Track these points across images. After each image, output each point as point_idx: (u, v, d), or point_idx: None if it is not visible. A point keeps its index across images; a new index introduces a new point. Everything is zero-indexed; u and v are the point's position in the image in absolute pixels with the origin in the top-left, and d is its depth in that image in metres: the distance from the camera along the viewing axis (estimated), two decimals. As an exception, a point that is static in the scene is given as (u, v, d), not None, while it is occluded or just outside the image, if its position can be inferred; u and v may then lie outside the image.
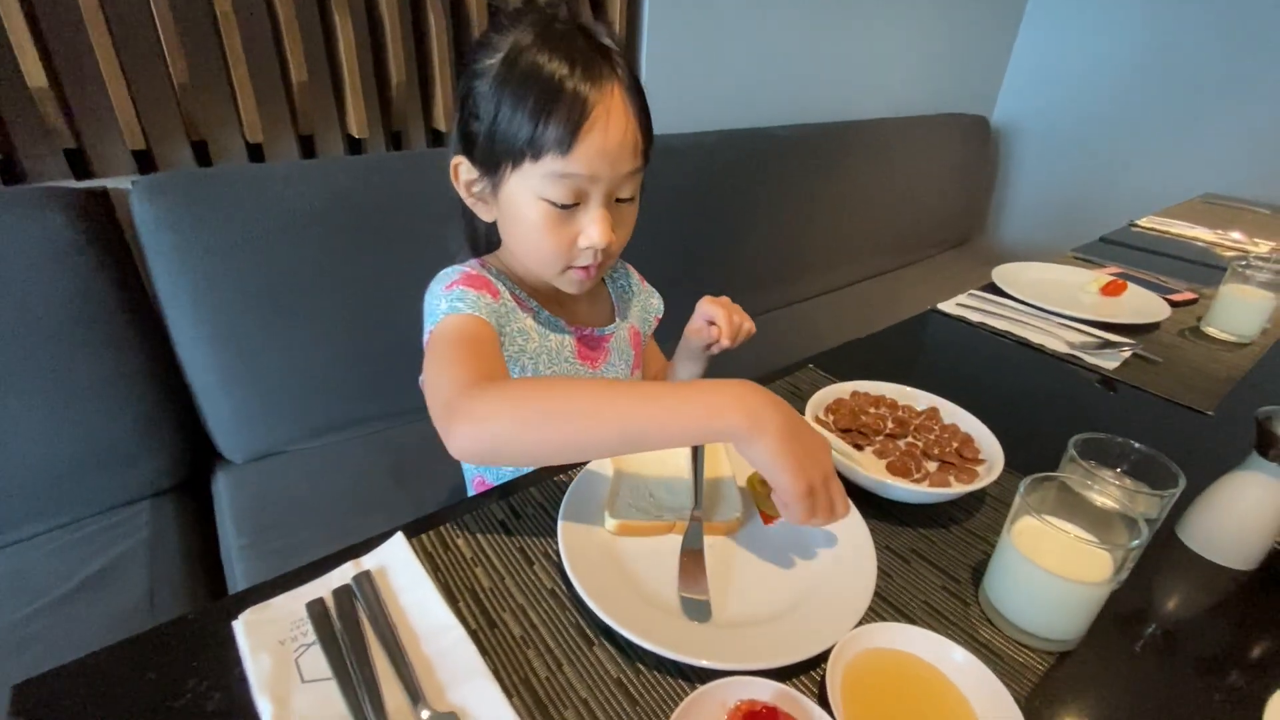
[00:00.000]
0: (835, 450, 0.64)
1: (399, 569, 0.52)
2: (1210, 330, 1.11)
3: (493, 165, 0.62)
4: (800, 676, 0.46)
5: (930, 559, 0.58)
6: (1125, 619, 0.54)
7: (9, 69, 0.93)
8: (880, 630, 0.48)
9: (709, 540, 0.57)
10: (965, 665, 0.45)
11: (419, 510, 0.60)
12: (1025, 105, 2.68)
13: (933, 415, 0.73)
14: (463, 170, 0.66)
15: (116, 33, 0.97)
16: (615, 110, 0.58)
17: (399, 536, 0.55)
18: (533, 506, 0.61)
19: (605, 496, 0.60)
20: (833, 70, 2.02)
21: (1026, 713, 0.43)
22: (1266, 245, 1.63)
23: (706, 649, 0.46)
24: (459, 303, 0.62)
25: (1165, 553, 0.62)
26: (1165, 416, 0.87)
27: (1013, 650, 0.50)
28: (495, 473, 0.79)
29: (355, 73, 1.17)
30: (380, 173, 1.17)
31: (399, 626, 0.47)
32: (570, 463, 0.51)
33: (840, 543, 0.58)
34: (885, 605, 0.53)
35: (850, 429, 0.71)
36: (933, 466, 0.66)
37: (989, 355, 1.02)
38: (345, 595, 0.49)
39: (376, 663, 0.44)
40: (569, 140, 0.57)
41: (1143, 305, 1.18)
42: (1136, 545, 0.46)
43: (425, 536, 0.56)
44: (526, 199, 0.61)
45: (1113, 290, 1.23)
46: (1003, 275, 1.26)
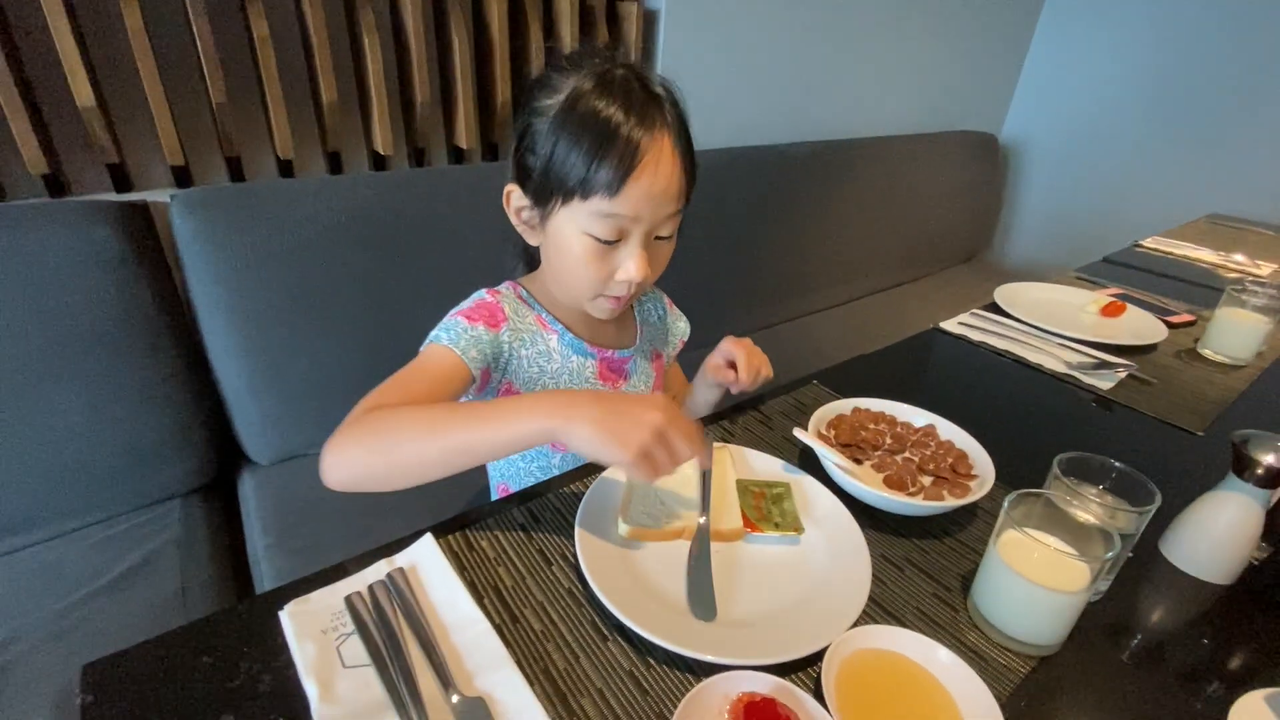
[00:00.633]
0: (835, 464, 0.68)
1: (428, 567, 0.57)
2: (1206, 352, 1.13)
3: (544, 198, 0.65)
4: (798, 673, 0.50)
5: (923, 567, 0.62)
6: (1107, 628, 0.58)
7: (59, 88, 0.98)
8: (873, 632, 0.52)
9: (715, 546, 0.61)
10: (950, 665, 0.49)
11: (435, 512, 0.64)
12: (1034, 124, 2.71)
13: (930, 432, 0.77)
14: (515, 197, 0.70)
15: (159, 54, 1.03)
16: (664, 158, 0.62)
17: (428, 537, 0.59)
18: (550, 512, 0.65)
19: (619, 504, 0.64)
20: (842, 88, 2.06)
21: (1009, 711, 0.47)
22: (1269, 267, 1.65)
23: (711, 645, 0.50)
24: (444, 333, 0.68)
25: (1148, 567, 0.66)
26: (1156, 437, 0.90)
27: (997, 654, 0.54)
28: (516, 480, 0.83)
29: (382, 93, 1.23)
30: (404, 189, 1.22)
31: (429, 619, 0.51)
32: (425, 480, 0.57)
33: (837, 551, 0.62)
34: (879, 610, 0.57)
35: (850, 444, 0.75)
36: (928, 481, 0.70)
37: (988, 374, 1.06)
38: (380, 590, 0.53)
39: (410, 651, 0.48)
40: (618, 184, 0.60)
41: (1141, 327, 1.21)
42: (1110, 557, 0.50)
43: (452, 537, 0.61)
44: (572, 232, 0.65)
45: (1112, 311, 1.25)
46: (1004, 295, 1.29)
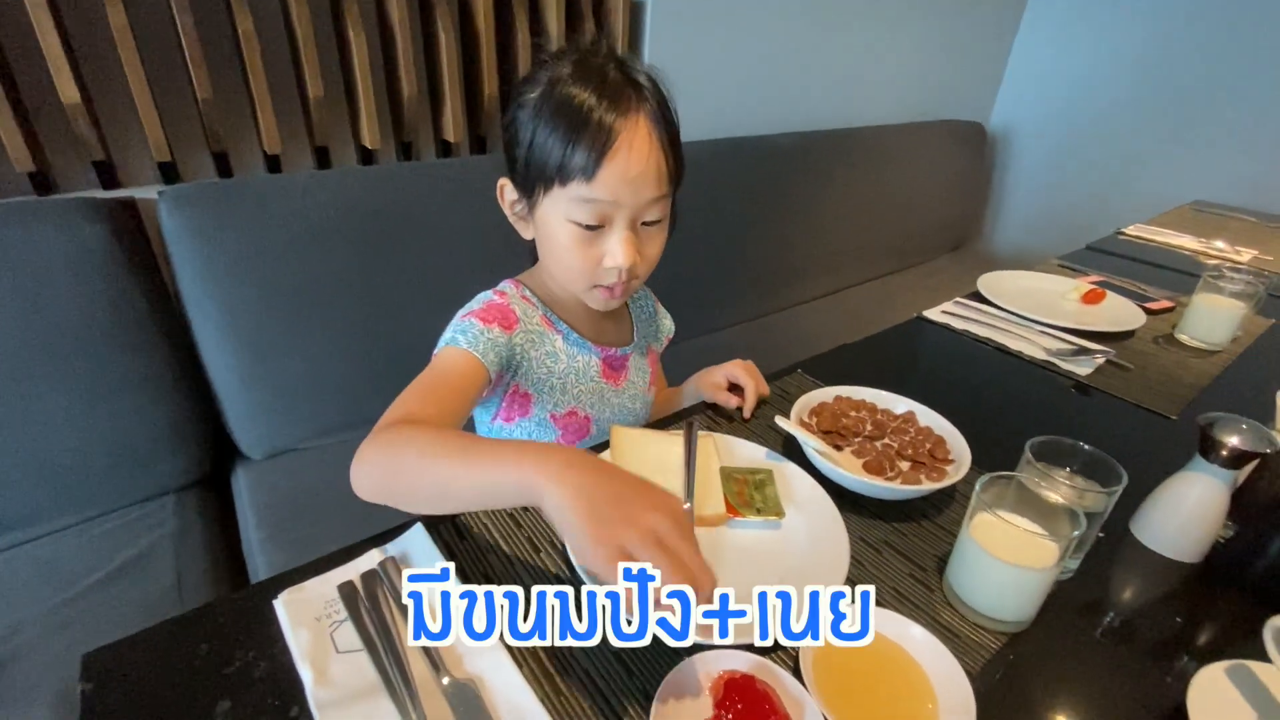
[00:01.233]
0: (815, 450, 0.70)
1: (419, 555, 0.58)
2: (1183, 338, 1.16)
3: (529, 188, 0.67)
4: (777, 652, 0.52)
5: (900, 549, 0.64)
6: (1080, 606, 0.60)
7: (43, 85, 0.98)
8: (849, 611, 0.53)
9: (698, 531, 0.63)
10: (923, 641, 0.51)
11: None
12: (1021, 112, 2.73)
13: (909, 419, 0.79)
14: (507, 191, 0.71)
15: (144, 50, 1.03)
16: (639, 140, 0.62)
17: (419, 526, 0.60)
18: (539, 500, 0.66)
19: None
20: (830, 78, 2.07)
21: (981, 683, 0.49)
22: (1249, 254, 1.68)
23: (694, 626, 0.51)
24: (460, 335, 0.67)
25: (1120, 547, 0.68)
26: (1131, 421, 0.92)
27: (970, 630, 0.56)
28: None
29: (369, 87, 1.23)
30: (391, 182, 1.23)
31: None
32: (436, 512, 0.55)
33: (817, 535, 0.64)
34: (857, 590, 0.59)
35: (831, 430, 0.76)
36: (906, 466, 0.72)
37: (970, 361, 1.08)
38: (372, 578, 0.55)
39: (402, 636, 0.50)
40: (593, 167, 0.61)
41: (1120, 313, 1.23)
42: (1076, 536, 0.52)
43: (442, 526, 0.62)
44: (557, 220, 0.66)
45: (1092, 299, 1.27)
46: (987, 284, 1.31)
